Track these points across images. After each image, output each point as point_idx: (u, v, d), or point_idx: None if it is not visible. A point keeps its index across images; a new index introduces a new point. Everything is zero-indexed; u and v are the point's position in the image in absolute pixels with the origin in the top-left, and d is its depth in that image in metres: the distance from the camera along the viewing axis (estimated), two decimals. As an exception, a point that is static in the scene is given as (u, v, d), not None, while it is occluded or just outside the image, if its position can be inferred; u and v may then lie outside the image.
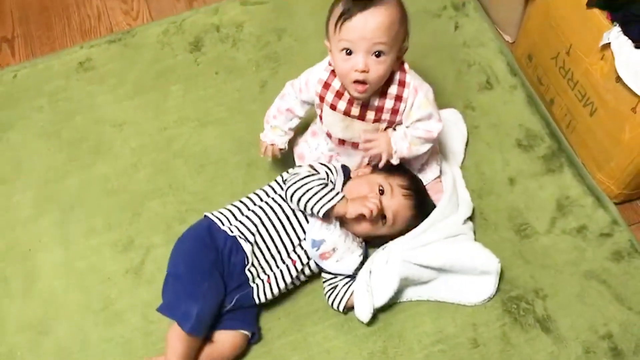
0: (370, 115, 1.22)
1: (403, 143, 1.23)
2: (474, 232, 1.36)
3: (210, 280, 1.17)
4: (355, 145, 1.28)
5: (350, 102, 1.22)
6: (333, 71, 1.22)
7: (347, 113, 1.23)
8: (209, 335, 1.21)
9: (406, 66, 1.21)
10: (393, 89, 1.19)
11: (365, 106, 1.21)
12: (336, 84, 1.22)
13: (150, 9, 1.81)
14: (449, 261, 1.27)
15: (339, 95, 1.22)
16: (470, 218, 1.37)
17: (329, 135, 1.30)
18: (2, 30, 1.77)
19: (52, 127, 1.57)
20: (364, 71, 1.12)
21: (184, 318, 1.12)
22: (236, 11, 1.75)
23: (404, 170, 1.32)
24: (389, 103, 1.20)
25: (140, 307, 1.32)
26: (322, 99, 1.25)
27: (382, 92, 1.19)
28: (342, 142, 1.29)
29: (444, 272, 1.29)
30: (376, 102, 1.20)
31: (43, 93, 1.63)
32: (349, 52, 1.13)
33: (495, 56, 1.64)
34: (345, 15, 1.10)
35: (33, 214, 1.45)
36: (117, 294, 1.34)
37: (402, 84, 1.19)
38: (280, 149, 1.37)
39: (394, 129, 1.25)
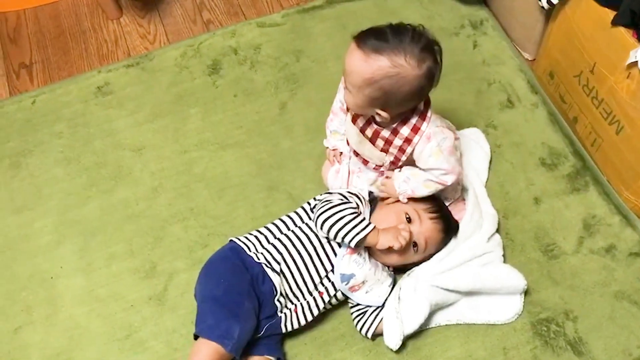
0: (380, 143, 1.22)
1: (406, 185, 1.24)
2: (503, 248, 1.34)
3: (248, 300, 1.16)
4: (365, 162, 1.29)
5: (368, 122, 1.21)
6: None
7: (362, 131, 1.23)
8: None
9: (429, 114, 1.18)
10: (405, 131, 1.18)
11: (377, 133, 1.21)
12: None
13: (167, 32, 1.81)
14: (477, 285, 1.25)
15: None
16: (498, 231, 1.35)
17: (347, 142, 1.30)
18: (20, 56, 1.77)
19: (72, 153, 1.57)
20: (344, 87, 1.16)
21: (226, 337, 1.10)
22: (253, 33, 1.75)
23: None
24: (397, 141, 1.19)
25: (164, 334, 1.30)
26: (348, 108, 1.25)
27: (394, 129, 1.19)
28: (356, 153, 1.29)
29: (471, 294, 1.27)
30: (387, 135, 1.20)
31: (62, 118, 1.62)
32: None
33: (515, 74, 1.63)
34: (354, 37, 1.10)
35: (54, 241, 1.44)
36: (140, 322, 1.32)
37: (415, 129, 1.17)
38: (342, 153, 1.37)
39: (400, 170, 1.27)
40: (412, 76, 1.06)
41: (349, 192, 1.26)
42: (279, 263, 1.20)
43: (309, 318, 1.23)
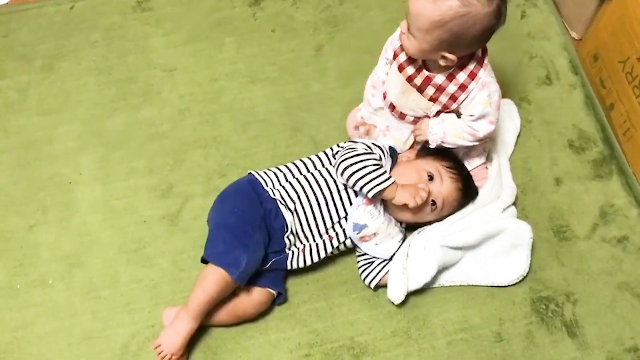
0: (430, 91, 1.20)
1: (439, 127, 1.22)
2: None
3: (259, 232, 1.18)
4: (402, 117, 1.27)
5: (418, 71, 1.19)
6: None
7: (410, 79, 1.21)
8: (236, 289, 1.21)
9: (486, 61, 1.17)
10: (461, 77, 1.16)
11: (428, 80, 1.19)
12: None
13: (214, -44, 1.78)
14: (482, 234, 1.26)
15: (411, 59, 1.20)
16: (514, 204, 1.35)
17: (384, 96, 1.28)
18: (64, -41, 1.75)
19: (104, 64, 1.57)
20: (402, 33, 1.14)
21: (233, 265, 1.13)
22: (300, -31, 1.72)
23: (448, 154, 1.31)
24: (451, 87, 1.18)
25: (172, 253, 1.33)
26: (395, 55, 1.23)
27: (450, 75, 1.17)
28: (392, 107, 1.27)
29: (477, 249, 1.28)
30: (440, 81, 1.18)
31: (98, 28, 1.62)
32: None
33: (559, 52, 1.59)
34: None
35: (76, 147, 1.46)
36: (150, 238, 1.35)
37: (472, 75, 1.16)
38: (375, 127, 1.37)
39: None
40: (483, 14, 1.04)
41: (373, 143, 1.26)
42: (294, 202, 1.22)
43: (315, 259, 1.25)
